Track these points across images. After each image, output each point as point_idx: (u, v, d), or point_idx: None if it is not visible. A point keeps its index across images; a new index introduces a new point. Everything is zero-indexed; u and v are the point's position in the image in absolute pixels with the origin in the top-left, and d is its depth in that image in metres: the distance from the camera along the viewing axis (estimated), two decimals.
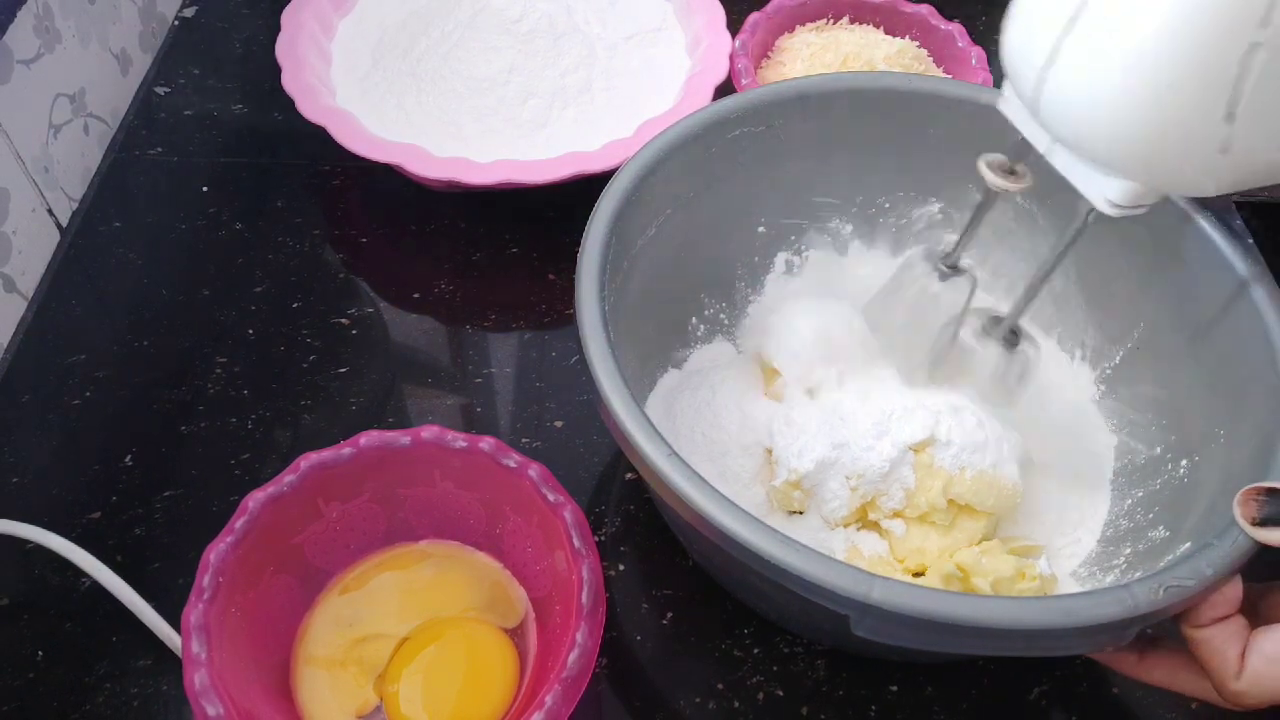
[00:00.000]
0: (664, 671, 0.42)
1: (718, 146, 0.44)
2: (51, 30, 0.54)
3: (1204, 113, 0.28)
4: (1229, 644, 0.32)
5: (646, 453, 0.33)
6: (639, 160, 0.42)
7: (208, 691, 0.33)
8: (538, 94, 0.58)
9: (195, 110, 0.62)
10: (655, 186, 0.42)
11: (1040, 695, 0.42)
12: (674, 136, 0.43)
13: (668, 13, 0.64)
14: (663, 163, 0.42)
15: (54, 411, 0.49)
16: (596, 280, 0.38)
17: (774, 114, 0.45)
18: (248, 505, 0.37)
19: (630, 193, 0.41)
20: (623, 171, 0.41)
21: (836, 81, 0.46)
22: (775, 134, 0.46)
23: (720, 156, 0.45)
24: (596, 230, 0.39)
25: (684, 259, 0.46)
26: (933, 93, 0.46)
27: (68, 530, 0.42)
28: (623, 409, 0.34)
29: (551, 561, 0.38)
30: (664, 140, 0.43)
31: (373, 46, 0.61)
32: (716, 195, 0.46)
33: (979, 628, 0.30)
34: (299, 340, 0.52)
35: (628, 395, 0.34)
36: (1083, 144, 0.31)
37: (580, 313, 0.37)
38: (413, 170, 0.52)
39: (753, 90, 0.45)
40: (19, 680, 0.41)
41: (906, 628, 0.30)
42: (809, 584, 0.30)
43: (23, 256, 0.52)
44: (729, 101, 0.44)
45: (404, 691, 0.37)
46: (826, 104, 0.45)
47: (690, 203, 0.45)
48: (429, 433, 0.39)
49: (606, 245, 0.39)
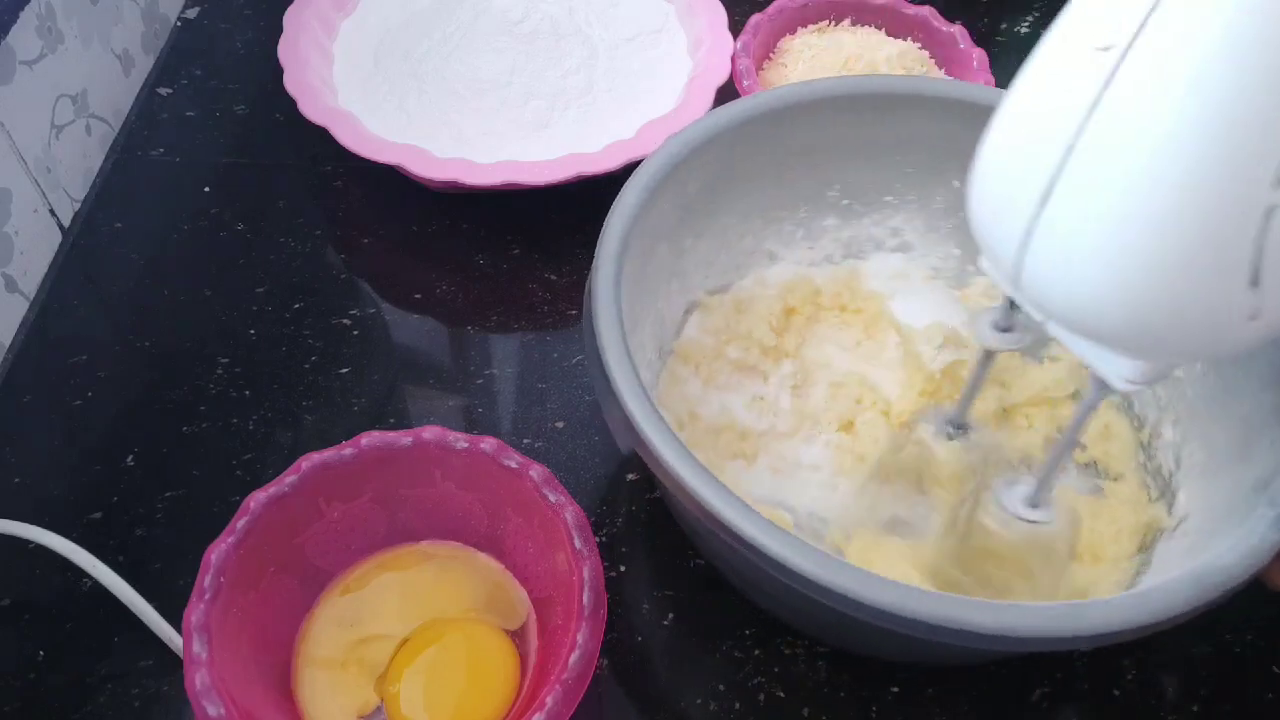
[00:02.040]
0: (665, 673, 0.42)
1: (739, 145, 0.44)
2: (54, 31, 0.55)
3: (1224, 285, 0.25)
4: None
5: (662, 455, 0.33)
6: (666, 151, 0.42)
7: (209, 692, 0.33)
8: (539, 95, 0.58)
9: (197, 111, 0.62)
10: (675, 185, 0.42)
11: (1042, 696, 0.42)
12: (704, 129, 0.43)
13: (669, 14, 0.64)
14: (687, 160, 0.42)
15: (55, 411, 0.49)
16: (613, 281, 0.38)
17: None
18: (249, 505, 0.37)
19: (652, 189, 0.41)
20: (646, 165, 0.41)
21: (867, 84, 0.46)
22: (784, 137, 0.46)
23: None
24: (616, 225, 0.39)
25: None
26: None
27: (69, 530, 0.42)
28: (639, 412, 0.34)
29: (553, 562, 0.38)
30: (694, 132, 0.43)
31: (375, 47, 0.61)
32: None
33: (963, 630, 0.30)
34: (300, 341, 0.52)
35: (643, 396, 0.34)
36: (1082, 328, 0.27)
37: (596, 318, 0.37)
38: (414, 171, 0.52)
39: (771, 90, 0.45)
40: (20, 680, 0.41)
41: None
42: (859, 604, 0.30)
43: (25, 257, 0.52)
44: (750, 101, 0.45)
45: (405, 692, 0.37)
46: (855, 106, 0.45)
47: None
48: (430, 433, 0.39)
49: (624, 243, 0.39)
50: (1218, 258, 0.24)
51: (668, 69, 0.61)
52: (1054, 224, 0.26)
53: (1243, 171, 0.23)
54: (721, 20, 0.61)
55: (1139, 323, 0.26)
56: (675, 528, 0.45)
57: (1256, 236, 0.24)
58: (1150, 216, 0.24)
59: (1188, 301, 0.25)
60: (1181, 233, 0.24)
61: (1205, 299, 0.25)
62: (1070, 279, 0.26)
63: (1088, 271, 0.25)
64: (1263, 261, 0.24)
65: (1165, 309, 0.25)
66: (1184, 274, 0.24)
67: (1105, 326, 0.26)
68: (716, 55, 0.59)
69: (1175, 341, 0.26)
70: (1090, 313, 0.26)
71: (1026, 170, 0.26)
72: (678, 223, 0.44)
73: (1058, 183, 0.25)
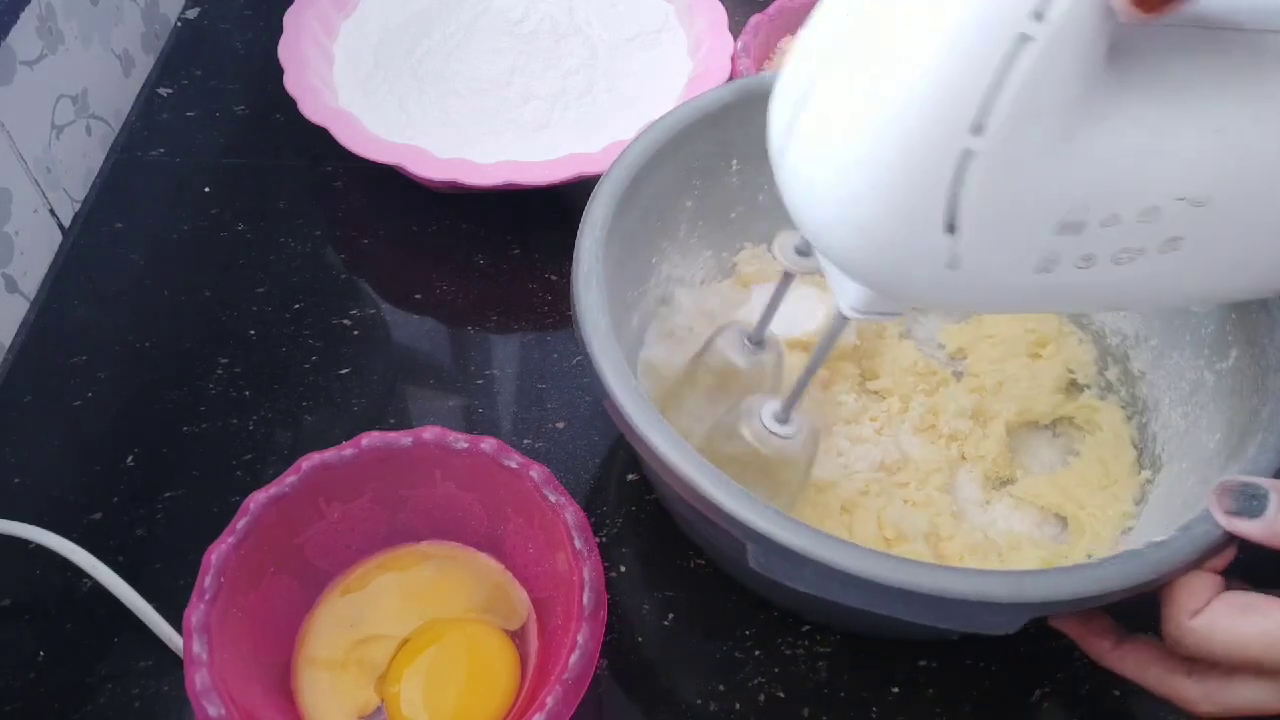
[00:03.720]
0: (665, 673, 0.42)
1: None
2: (54, 31, 0.55)
3: (921, 222, 0.25)
4: (1204, 584, 0.32)
5: (656, 445, 0.33)
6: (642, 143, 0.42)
7: (209, 692, 0.33)
8: (539, 95, 0.58)
9: (197, 111, 0.62)
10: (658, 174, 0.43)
11: (1042, 696, 0.42)
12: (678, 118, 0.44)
13: (669, 14, 0.64)
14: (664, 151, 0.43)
15: (56, 412, 0.49)
16: (598, 273, 0.38)
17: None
18: (249, 506, 0.37)
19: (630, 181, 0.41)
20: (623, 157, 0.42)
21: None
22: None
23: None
24: (596, 214, 0.40)
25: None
26: None
27: (69, 531, 0.42)
28: (628, 400, 0.34)
29: (553, 563, 0.38)
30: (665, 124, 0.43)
31: (375, 47, 0.61)
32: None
33: (861, 579, 0.31)
34: (301, 341, 0.52)
35: (634, 385, 0.35)
36: (814, 238, 0.28)
37: (580, 310, 0.37)
38: (414, 171, 0.52)
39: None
40: (20, 681, 0.41)
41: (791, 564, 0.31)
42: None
43: (25, 257, 0.52)
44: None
45: (405, 693, 0.37)
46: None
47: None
48: (430, 434, 0.39)
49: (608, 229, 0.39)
50: (916, 198, 0.25)
51: (668, 69, 0.61)
52: (801, 130, 0.27)
53: (941, 111, 0.24)
54: (722, 21, 0.61)
55: (857, 251, 0.27)
56: (675, 528, 0.45)
57: (952, 181, 0.24)
58: (864, 143, 0.25)
59: (891, 231, 0.26)
60: (887, 161, 0.25)
61: (906, 234, 0.26)
62: (805, 186, 0.27)
63: (817, 180, 0.27)
64: (959, 208, 0.25)
65: (875, 241, 0.26)
66: (887, 203, 0.25)
67: (832, 248, 0.28)
68: (716, 56, 0.59)
69: (886, 277, 0.27)
70: (820, 232, 0.27)
71: (793, 77, 0.28)
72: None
73: (811, 91, 0.26)
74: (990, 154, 0.24)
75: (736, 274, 0.50)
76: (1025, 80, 0.23)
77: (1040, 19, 0.23)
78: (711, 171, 0.46)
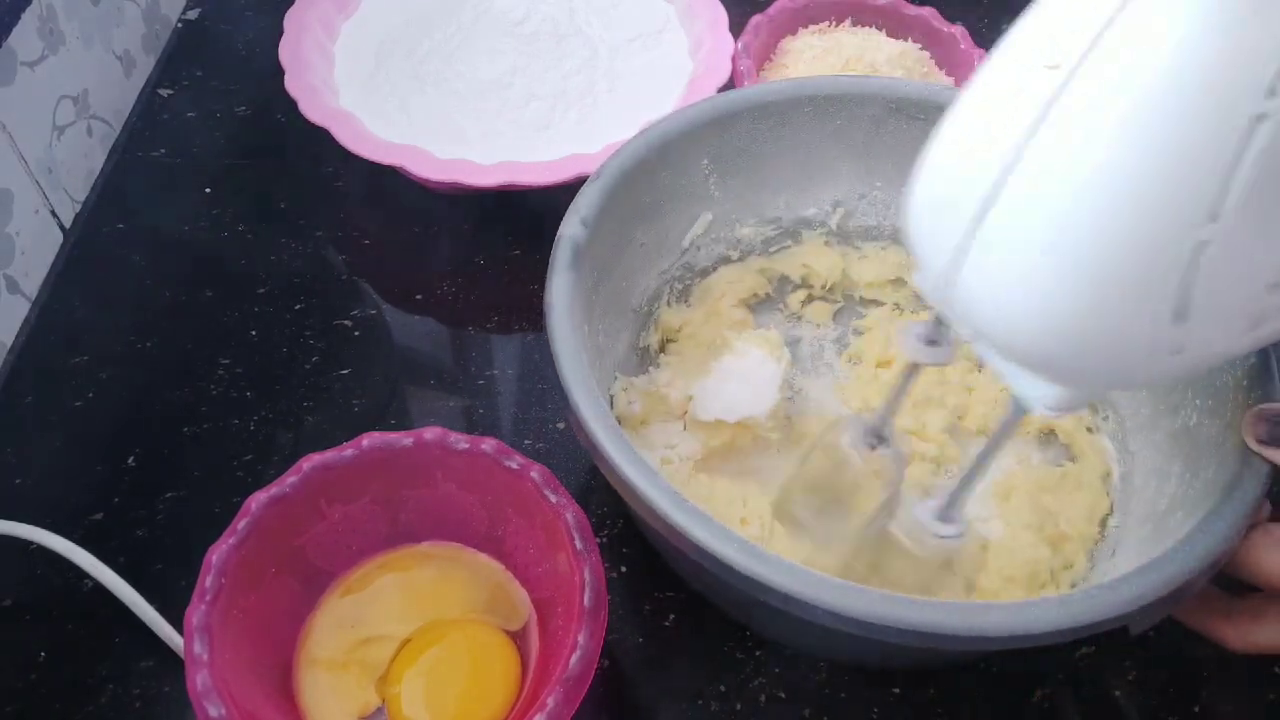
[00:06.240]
0: (666, 673, 0.42)
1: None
2: (55, 32, 0.55)
3: (1148, 319, 0.24)
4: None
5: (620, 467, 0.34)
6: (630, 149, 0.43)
7: (210, 692, 0.33)
8: (540, 96, 0.58)
9: (198, 112, 0.62)
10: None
11: (1043, 697, 0.42)
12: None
13: (670, 15, 0.64)
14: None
15: (56, 412, 0.49)
16: (568, 293, 0.39)
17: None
18: (250, 506, 0.37)
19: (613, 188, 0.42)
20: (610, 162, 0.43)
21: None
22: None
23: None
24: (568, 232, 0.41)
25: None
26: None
27: (70, 531, 0.42)
28: (598, 425, 0.35)
29: (553, 563, 0.38)
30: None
31: (376, 48, 0.61)
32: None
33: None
34: (302, 342, 0.52)
35: (604, 409, 0.35)
36: (1007, 349, 0.27)
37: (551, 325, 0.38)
38: (415, 172, 0.52)
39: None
40: (21, 681, 0.41)
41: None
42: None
43: (26, 257, 0.52)
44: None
45: (406, 693, 0.37)
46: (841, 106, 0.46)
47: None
48: (431, 434, 0.39)
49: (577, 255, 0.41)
50: (1145, 291, 0.23)
51: (668, 70, 0.61)
52: (988, 242, 0.25)
53: (1174, 205, 0.23)
54: (722, 21, 0.61)
55: (1062, 349, 0.25)
56: None
57: (1185, 271, 0.23)
58: (1080, 243, 0.23)
59: (1113, 332, 0.24)
60: (1110, 262, 0.23)
61: (1130, 331, 0.24)
62: (999, 299, 0.25)
63: (1016, 293, 0.25)
64: (1190, 297, 0.23)
65: (1090, 338, 0.25)
66: (1111, 305, 0.24)
67: (1029, 350, 0.26)
68: (717, 56, 0.59)
69: (1098, 371, 0.26)
70: (1015, 335, 0.26)
71: (966, 185, 0.25)
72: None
73: (995, 201, 0.24)
74: (1224, 239, 0.23)
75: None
76: (1261, 160, 0.22)
77: (1274, 95, 0.22)
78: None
